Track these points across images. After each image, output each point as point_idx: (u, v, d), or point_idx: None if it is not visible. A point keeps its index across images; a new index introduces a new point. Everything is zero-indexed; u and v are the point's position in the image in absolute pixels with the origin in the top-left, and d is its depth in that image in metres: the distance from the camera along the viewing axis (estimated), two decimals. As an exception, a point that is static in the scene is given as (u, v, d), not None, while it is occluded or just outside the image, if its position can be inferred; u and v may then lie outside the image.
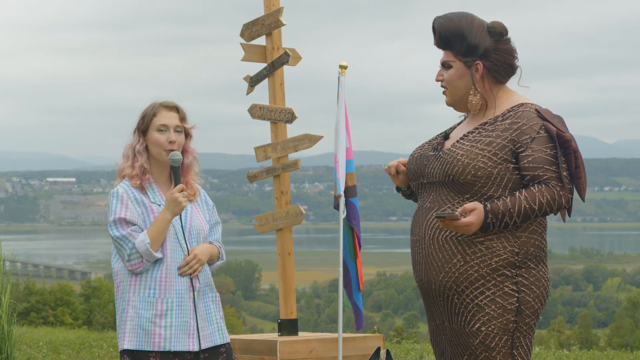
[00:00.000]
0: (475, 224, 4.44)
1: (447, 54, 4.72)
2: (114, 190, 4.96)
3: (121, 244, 4.86)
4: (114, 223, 4.89)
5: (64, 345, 13.09)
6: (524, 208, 4.47)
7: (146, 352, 4.84)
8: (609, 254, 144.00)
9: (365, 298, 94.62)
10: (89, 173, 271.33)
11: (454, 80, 4.69)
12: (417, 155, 4.79)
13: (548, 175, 4.51)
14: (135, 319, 4.85)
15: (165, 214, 4.87)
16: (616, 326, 49.94)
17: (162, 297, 4.86)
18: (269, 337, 8.99)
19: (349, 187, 8.69)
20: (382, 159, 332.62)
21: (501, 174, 4.55)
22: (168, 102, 5.04)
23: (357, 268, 8.66)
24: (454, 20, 4.66)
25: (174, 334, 4.85)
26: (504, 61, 4.68)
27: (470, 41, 4.63)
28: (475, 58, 4.65)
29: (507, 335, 4.54)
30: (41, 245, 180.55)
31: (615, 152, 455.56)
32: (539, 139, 4.54)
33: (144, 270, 4.86)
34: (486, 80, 4.69)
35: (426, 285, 4.67)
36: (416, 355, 11.54)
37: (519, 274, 4.58)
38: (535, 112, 4.60)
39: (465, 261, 4.55)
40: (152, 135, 4.97)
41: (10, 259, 10.62)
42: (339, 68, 8.68)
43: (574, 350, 13.08)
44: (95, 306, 42.80)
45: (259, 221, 9.48)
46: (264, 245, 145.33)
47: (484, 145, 4.56)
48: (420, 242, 4.68)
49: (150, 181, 4.99)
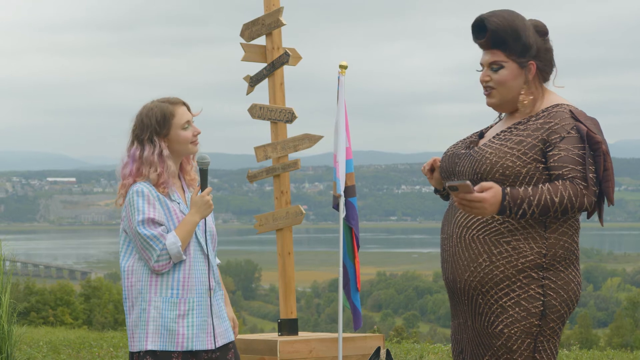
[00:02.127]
0: (490, 201, 4.30)
1: (496, 54, 4.59)
2: (137, 188, 4.88)
3: (151, 244, 4.83)
4: (142, 223, 4.84)
5: (64, 345, 13.09)
6: (545, 199, 4.34)
7: (169, 352, 4.87)
8: (609, 254, 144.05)
9: (365, 298, 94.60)
10: (89, 173, 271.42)
11: (508, 81, 4.57)
12: (450, 154, 4.71)
13: (573, 174, 4.39)
14: (158, 320, 4.86)
15: (194, 216, 4.88)
16: (616, 326, 49.93)
17: (185, 297, 4.88)
18: (269, 337, 8.99)
19: (348, 187, 8.69)
20: (382, 159, 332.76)
21: (530, 173, 4.46)
22: (174, 98, 5.02)
23: (355, 268, 8.67)
24: (508, 19, 4.52)
25: (196, 334, 4.89)
26: (550, 60, 4.62)
27: (525, 41, 4.53)
28: (529, 58, 4.56)
29: (529, 338, 4.47)
30: (41, 245, 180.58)
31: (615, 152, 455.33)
32: (569, 139, 4.45)
33: (167, 271, 4.88)
34: (536, 80, 4.61)
35: (452, 284, 4.61)
36: (416, 355, 11.54)
37: (546, 277, 4.48)
38: (569, 113, 4.53)
39: (491, 261, 4.47)
40: (177, 134, 4.94)
41: (10, 259, 10.62)
42: (339, 68, 8.69)
43: (574, 350, 13.08)
44: (95, 306, 42.79)
45: (259, 221, 9.49)
46: (264, 245, 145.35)
47: (513, 144, 4.48)
48: (449, 240, 4.61)
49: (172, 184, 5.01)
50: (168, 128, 4.93)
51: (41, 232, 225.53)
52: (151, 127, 4.93)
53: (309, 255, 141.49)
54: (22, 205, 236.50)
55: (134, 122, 5.00)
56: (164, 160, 4.92)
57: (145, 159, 4.92)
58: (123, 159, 5.00)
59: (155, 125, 4.92)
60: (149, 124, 4.93)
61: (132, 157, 4.95)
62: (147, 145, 4.93)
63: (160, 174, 4.91)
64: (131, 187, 4.91)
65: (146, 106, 5.00)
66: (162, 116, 4.93)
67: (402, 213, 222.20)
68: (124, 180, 4.97)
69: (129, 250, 4.95)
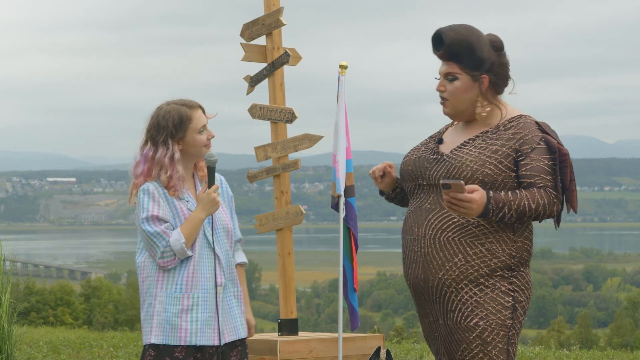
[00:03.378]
0: (477, 202, 4.52)
1: (451, 66, 4.76)
2: (144, 186, 4.93)
3: (154, 241, 4.87)
4: (146, 220, 4.88)
5: (64, 345, 13.08)
6: (523, 204, 4.60)
7: (172, 346, 4.91)
8: (609, 254, 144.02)
9: (365, 298, 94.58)
10: (89, 173, 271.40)
11: (459, 93, 4.76)
12: (416, 158, 4.89)
13: (544, 183, 4.65)
14: (162, 314, 4.91)
15: (199, 213, 4.91)
16: (616, 326, 49.94)
17: (189, 292, 4.91)
18: (269, 337, 8.99)
19: (347, 187, 8.68)
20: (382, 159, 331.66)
21: (504, 181, 4.68)
22: (191, 102, 5.02)
23: (353, 268, 8.66)
24: (463, 33, 4.70)
25: (200, 329, 4.92)
26: (504, 74, 4.79)
27: (479, 55, 4.70)
28: (482, 72, 4.73)
29: (503, 330, 4.68)
30: (41, 245, 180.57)
31: (615, 152, 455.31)
32: (539, 150, 4.68)
33: (174, 266, 4.91)
34: (489, 92, 4.79)
35: (422, 284, 4.77)
36: (416, 355, 11.54)
37: (513, 276, 4.73)
38: (535, 125, 4.75)
39: (466, 260, 4.67)
40: (192, 137, 4.94)
41: (10, 259, 10.61)
42: (339, 68, 8.68)
43: (574, 350, 13.07)
44: (95, 306, 42.83)
45: (259, 221, 9.48)
46: (264, 245, 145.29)
47: (490, 152, 4.68)
48: (419, 242, 4.78)
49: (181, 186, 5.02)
50: (184, 131, 4.93)
51: (41, 232, 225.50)
52: (167, 130, 4.93)
53: (309, 255, 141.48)
54: (22, 205, 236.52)
55: (149, 122, 4.99)
56: (174, 164, 4.93)
57: (157, 161, 4.93)
58: (136, 158, 5.01)
59: (171, 129, 4.92)
60: (165, 126, 4.93)
61: (144, 157, 4.96)
62: (160, 147, 4.94)
63: (170, 177, 4.93)
64: (141, 186, 4.95)
65: (163, 108, 4.98)
66: (180, 120, 4.93)
67: (402, 213, 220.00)
68: (135, 180, 4.99)
69: (142, 247, 5.00)
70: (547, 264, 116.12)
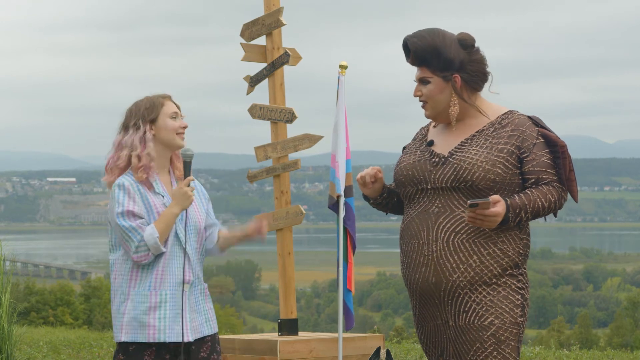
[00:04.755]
0: (501, 214, 4.61)
1: (423, 71, 4.85)
2: (119, 181, 4.95)
3: (129, 236, 4.89)
4: (121, 215, 4.90)
5: (64, 345, 13.08)
6: (537, 205, 4.68)
7: (141, 345, 4.92)
8: (609, 254, 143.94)
9: (365, 298, 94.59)
10: (89, 173, 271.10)
11: (434, 95, 4.83)
12: (414, 162, 4.90)
13: (550, 178, 4.73)
14: (132, 312, 4.93)
15: (173, 208, 4.92)
16: (616, 326, 49.93)
17: (157, 290, 4.93)
18: (269, 337, 8.99)
19: (346, 187, 8.67)
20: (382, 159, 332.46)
21: (511, 179, 4.75)
22: (164, 94, 5.08)
23: (348, 268, 8.64)
24: (427, 38, 4.79)
25: (168, 326, 4.92)
26: (479, 70, 4.84)
27: (446, 56, 4.77)
28: (452, 72, 4.79)
29: (516, 329, 4.75)
30: (41, 245, 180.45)
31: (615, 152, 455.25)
32: (539, 145, 4.75)
33: (149, 262, 4.92)
34: (464, 90, 4.83)
35: (433, 287, 4.79)
36: (416, 355, 11.54)
37: (520, 274, 4.81)
38: (528, 119, 4.81)
39: (481, 262, 4.72)
40: (164, 122, 4.98)
41: (10, 259, 10.61)
42: (339, 68, 8.67)
43: (574, 350, 13.07)
44: (95, 306, 42.78)
45: (259, 221, 9.47)
46: (264, 245, 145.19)
47: (497, 152, 4.73)
48: (430, 245, 4.79)
49: (154, 171, 5.01)
50: (156, 114, 4.99)
51: (41, 232, 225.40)
52: (139, 114, 4.99)
53: (309, 255, 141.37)
54: (22, 205, 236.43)
55: (122, 117, 5.07)
56: (145, 142, 4.96)
57: (125, 142, 4.98)
58: (109, 153, 5.06)
59: (143, 112, 4.99)
60: (136, 111, 5.01)
61: (113, 144, 5.02)
62: (131, 129, 4.99)
63: (139, 156, 4.94)
64: (115, 180, 4.96)
65: (136, 99, 5.08)
66: (151, 104, 5.01)
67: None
68: (107, 174, 5.02)
69: (116, 244, 5.01)
70: (547, 264, 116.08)
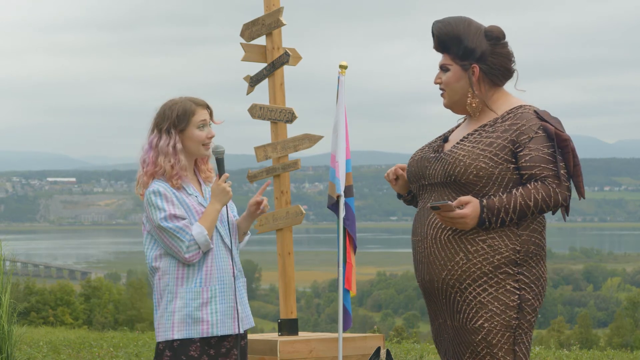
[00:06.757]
0: (470, 216, 4.53)
1: (444, 57, 4.81)
2: (154, 188, 5.02)
3: (178, 236, 4.97)
4: (165, 219, 4.97)
5: (64, 345, 13.08)
6: (519, 204, 4.56)
7: (184, 340, 5.00)
8: (609, 254, 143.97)
9: (365, 298, 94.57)
10: (89, 173, 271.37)
11: (451, 82, 4.78)
12: (418, 158, 4.88)
13: (545, 173, 4.60)
14: (183, 309, 5.01)
15: (214, 204, 5.04)
16: (616, 326, 49.90)
17: (207, 285, 5.04)
18: (269, 337, 8.99)
19: (346, 187, 8.67)
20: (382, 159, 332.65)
21: (502, 174, 4.63)
22: (200, 100, 5.16)
23: (347, 268, 8.64)
24: (452, 25, 4.76)
25: (220, 320, 5.05)
26: (501, 64, 4.76)
27: (466, 45, 4.72)
28: (472, 61, 4.74)
29: (509, 332, 4.62)
30: (41, 245, 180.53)
31: (615, 152, 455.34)
32: (537, 139, 4.63)
33: (199, 260, 5.02)
34: (482, 83, 4.78)
35: (428, 285, 4.74)
36: (416, 355, 11.53)
37: (520, 272, 4.66)
38: (534, 114, 4.70)
39: (467, 259, 4.62)
40: (192, 132, 5.08)
41: (10, 259, 10.61)
42: (339, 68, 8.68)
43: (574, 350, 13.07)
44: (95, 306, 42.81)
45: (259, 221, 9.48)
46: (264, 245, 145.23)
47: (484, 145, 4.64)
48: (423, 242, 4.75)
49: (185, 177, 5.12)
50: (186, 124, 5.08)
51: (41, 232, 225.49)
52: (171, 119, 5.08)
53: (309, 255, 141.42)
54: (22, 205, 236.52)
55: (157, 111, 5.15)
56: (176, 153, 5.06)
57: (160, 149, 5.07)
58: (144, 146, 5.15)
59: (174, 119, 5.08)
60: (169, 116, 5.09)
61: (150, 143, 5.11)
62: (164, 135, 5.08)
63: (173, 166, 5.05)
64: (148, 188, 5.05)
65: (172, 99, 5.16)
66: (183, 111, 5.09)
67: (403, 213, 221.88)
68: (143, 169, 5.11)
69: (154, 248, 5.09)
70: (547, 264, 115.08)
